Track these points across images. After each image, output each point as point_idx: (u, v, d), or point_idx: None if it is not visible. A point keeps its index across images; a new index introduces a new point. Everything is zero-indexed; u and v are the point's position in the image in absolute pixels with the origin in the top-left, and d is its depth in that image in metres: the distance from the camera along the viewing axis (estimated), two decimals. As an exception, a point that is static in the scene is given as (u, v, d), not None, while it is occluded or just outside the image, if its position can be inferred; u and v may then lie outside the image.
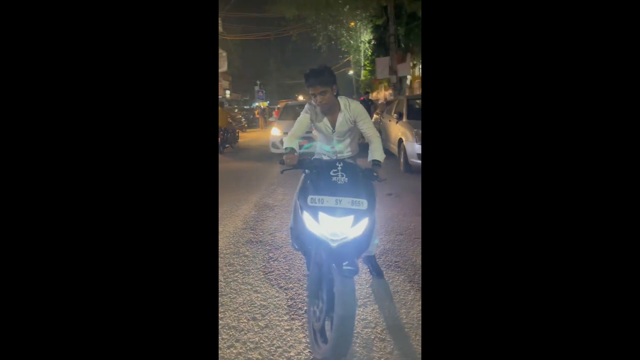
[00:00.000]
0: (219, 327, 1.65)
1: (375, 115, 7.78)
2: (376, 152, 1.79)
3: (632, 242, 0.50)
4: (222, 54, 19.19)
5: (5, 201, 0.52)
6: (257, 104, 20.97)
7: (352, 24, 16.86)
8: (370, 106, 8.64)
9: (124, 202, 0.59)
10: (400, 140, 4.99)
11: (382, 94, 16.72)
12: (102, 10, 0.58)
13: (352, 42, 18.46)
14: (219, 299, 1.87)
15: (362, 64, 19.27)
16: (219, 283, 2.05)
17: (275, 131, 6.53)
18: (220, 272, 2.19)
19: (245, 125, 15.14)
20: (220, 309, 1.79)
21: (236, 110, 16.03)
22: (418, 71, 14.33)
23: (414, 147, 4.68)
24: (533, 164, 0.56)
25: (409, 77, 14.22)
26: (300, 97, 16.77)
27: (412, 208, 3.23)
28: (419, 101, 5.57)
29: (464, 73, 0.61)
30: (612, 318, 0.51)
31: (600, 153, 0.53)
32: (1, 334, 0.50)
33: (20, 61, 0.52)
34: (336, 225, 1.28)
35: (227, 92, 23.34)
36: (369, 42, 16.92)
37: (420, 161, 4.67)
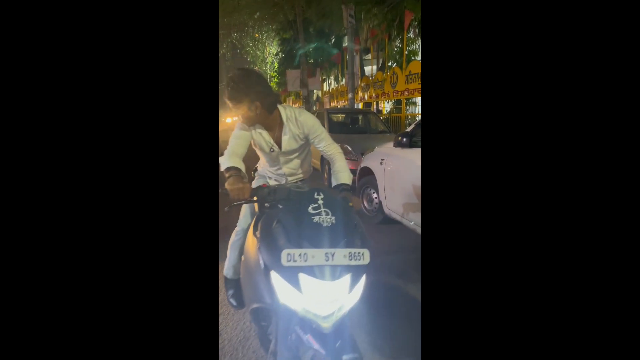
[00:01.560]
0: None
1: None
2: (342, 174, 1.40)
3: (633, 243, 0.50)
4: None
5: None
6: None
7: (257, 35, 16.56)
8: None
9: (113, 209, 0.57)
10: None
11: (290, 107, 16.72)
12: (100, 9, 0.56)
13: (258, 52, 18.06)
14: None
15: (269, 76, 19.01)
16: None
17: None
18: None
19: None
20: None
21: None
22: (327, 86, 14.81)
23: (340, 162, 4.52)
24: (535, 165, 0.56)
25: (317, 91, 14.58)
26: None
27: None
28: (339, 115, 5.50)
29: (464, 74, 0.60)
30: (612, 319, 0.51)
31: (606, 155, 0.53)
32: (0, 334, 0.51)
33: (14, 60, 0.52)
34: (328, 293, 0.83)
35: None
36: (276, 54, 16.81)
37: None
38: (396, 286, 2.02)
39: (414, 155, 2.42)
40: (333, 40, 13.04)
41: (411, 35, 9.06)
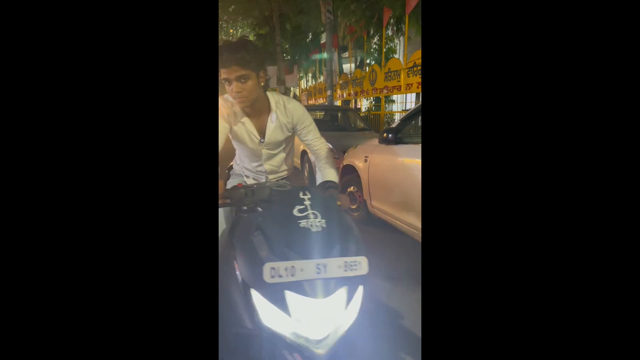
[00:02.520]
0: None
1: None
2: (329, 170, 1.27)
3: (633, 244, 0.49)
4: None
5: None
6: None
7: (232, 30, 16.13)
8: None
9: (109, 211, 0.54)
10: (304, 153, 4.63)
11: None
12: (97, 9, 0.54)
13: (233, 49, 17.58)
14: None
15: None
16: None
17: None
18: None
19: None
20: None
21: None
22: (304, 84, 14.62)
23: (320, 160, 4.40)
24: (540, 164, 0.53)
25: (294, 89, 14.38)
26: None
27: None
28: (318, 113, 5.38)
29: (465, 72, 0.57)
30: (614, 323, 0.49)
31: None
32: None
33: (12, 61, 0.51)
34: (321, 312, 0.69)
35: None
36: (252, 51, 16.40)
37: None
38: (384, 290, 1.91)
39: (400, 152, 2.33)
40: (310, 37, 12.88)
41: (389, 32, 9.07)
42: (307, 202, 0.80)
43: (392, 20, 7.72)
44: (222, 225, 1.23)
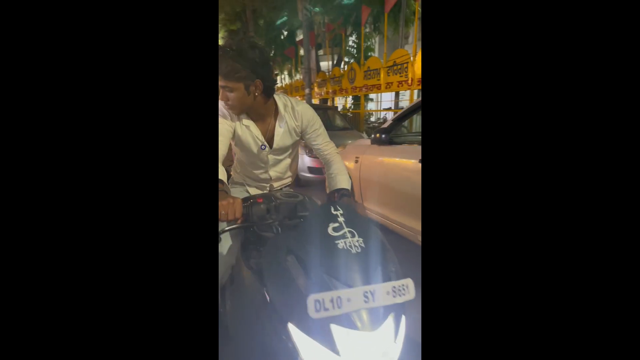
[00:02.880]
0: None
1: None
2: (341, 177, 1.19)
3: (633, 244, 0.48)
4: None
5: None
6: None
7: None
8: None
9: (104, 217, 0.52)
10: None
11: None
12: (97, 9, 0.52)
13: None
14: None
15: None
16: None
17: None
18: None
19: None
20: None
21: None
22: (281, 81, 14.37)
23: (304, 160, 4.30)
24: (543, 166, 0.52)
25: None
26: None
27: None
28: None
29: (465, 72, 0.55)
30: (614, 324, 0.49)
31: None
32: None
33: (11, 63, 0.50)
34: (372, 347, 0.61)
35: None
36: (224, 47, 15.92)
37: (310, 175, 4.33)
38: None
39: (393, 153, 2.29)
40: (286, 33, 12.65)
41: (367, 30, 9.08)
42: (341, 219, 0.71)
43: (370, 19, 7.72)
44: (227, 241, 1.11)
